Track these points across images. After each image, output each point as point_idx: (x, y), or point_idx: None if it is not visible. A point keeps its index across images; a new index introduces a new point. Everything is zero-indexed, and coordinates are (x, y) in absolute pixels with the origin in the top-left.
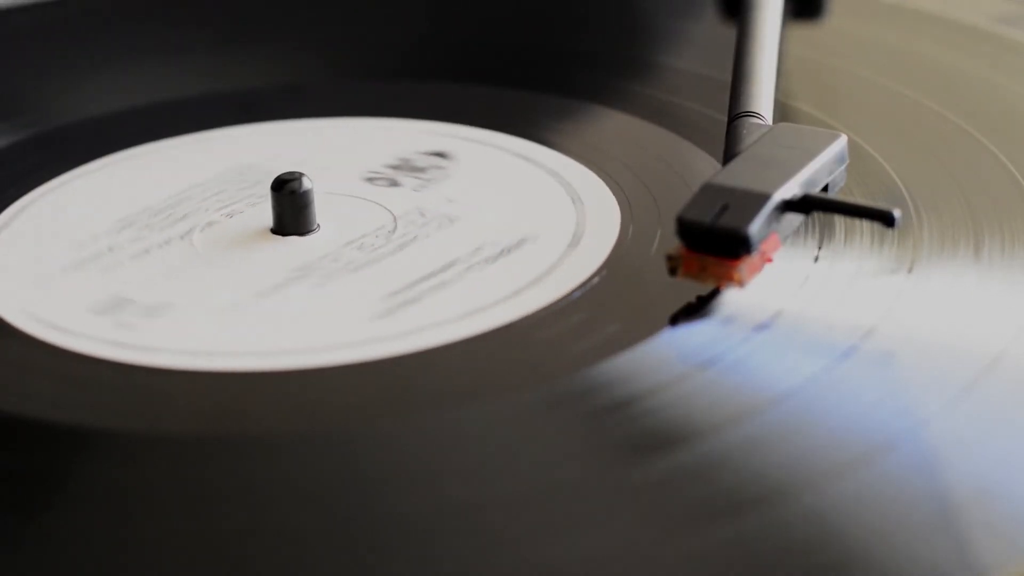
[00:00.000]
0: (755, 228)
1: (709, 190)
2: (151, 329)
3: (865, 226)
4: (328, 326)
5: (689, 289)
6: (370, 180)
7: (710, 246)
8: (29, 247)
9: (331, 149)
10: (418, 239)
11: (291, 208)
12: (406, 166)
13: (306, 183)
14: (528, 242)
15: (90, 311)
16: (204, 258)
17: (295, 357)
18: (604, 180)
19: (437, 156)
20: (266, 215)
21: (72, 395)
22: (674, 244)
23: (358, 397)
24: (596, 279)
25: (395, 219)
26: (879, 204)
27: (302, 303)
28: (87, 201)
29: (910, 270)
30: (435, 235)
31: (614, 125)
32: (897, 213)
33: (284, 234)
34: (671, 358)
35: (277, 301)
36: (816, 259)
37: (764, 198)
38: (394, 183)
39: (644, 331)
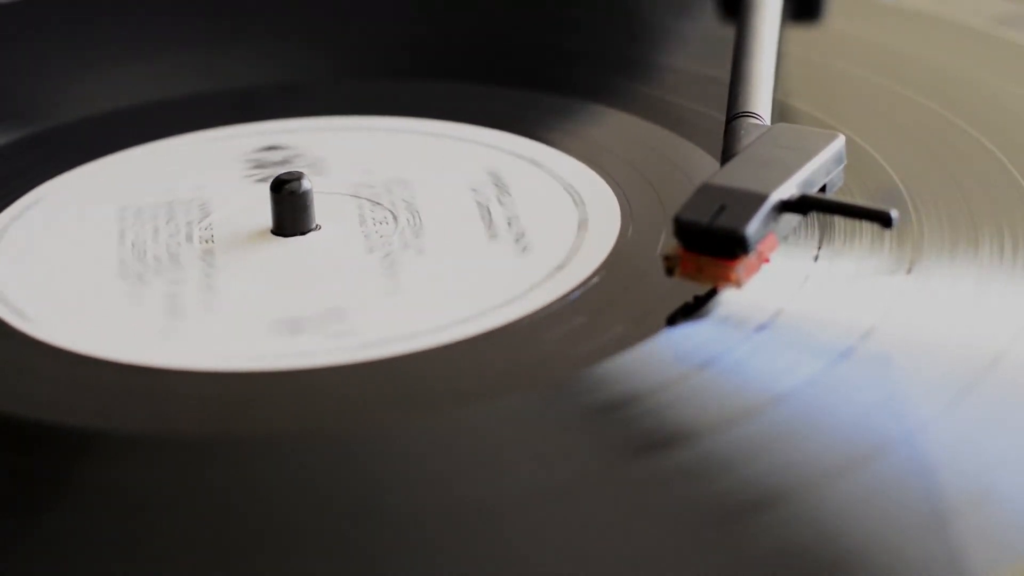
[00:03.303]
0: (752, 229)
1: (706, 190)
2: (159, 330)
3: (864, 226)
4: (328, 326)
5: (690, 290)
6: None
7: (707, 246)
8: (30, 250)
9: (331, 149)
10: (418, 238)
11: (291, 208)
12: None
13: (305, 183)
14: (527, 242)
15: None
16: (205, 258)
17: (295, 357)
18: (604, 179)
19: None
20: (264, 216)
21: (72, 395)
22: (672, 244)
23: (358, 397)
24: (595, 279)
25: (395, 218)
26: (877, 205)
27: (303, 304)
28: (85, 202)
29: (909, 271)
30: (435, 235)
31: (613, 124)
32: (895, 214)
33: (284, 235)
34: (670, 358)
35: (277, 301)
36: (815, 259)
37: (761, 198)
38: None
39: (643, 331)
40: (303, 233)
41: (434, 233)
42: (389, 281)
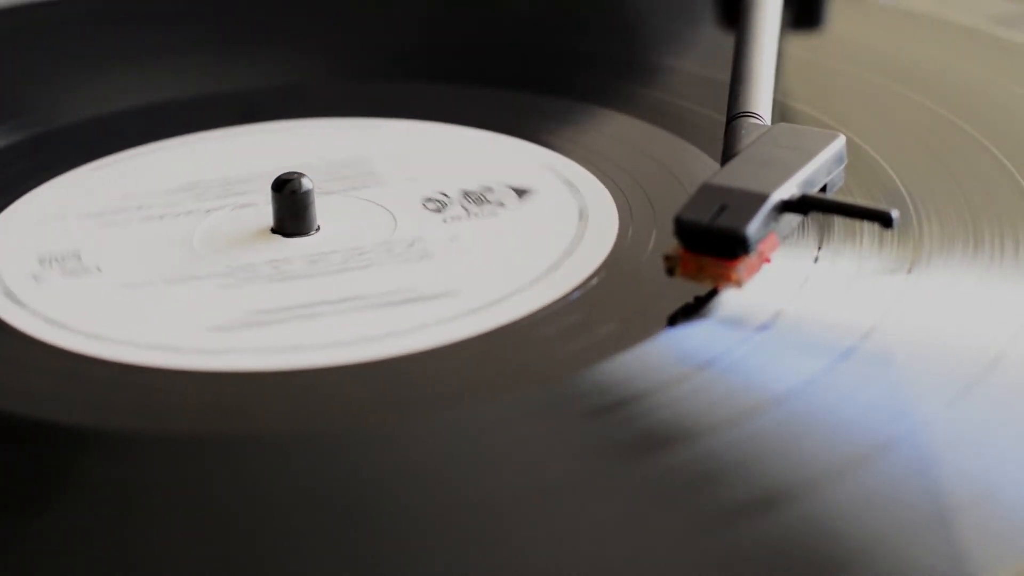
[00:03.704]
0: (753, 228)
1: (707, 190)
2: (154, 328)
3: (865, 226)
4: (327, 326)
5: (690, 290)
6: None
7: (708, 246)
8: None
9: (329, 148)
10: (418, 239)
11: (291, 208)
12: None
13: (306, 183)
14: (527, 242)
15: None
16: (207, 259)
17: (295, 357)
18: (603, 181)
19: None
20: (260, 217)
21: (72, 395)
22: (673, 244)
23: (358, 397)
24: (595, 280)
25: (395, 219)
26: (878, 205)
27: (302, 304)
28: (85, 202)
29: (909, 270)
30: (434, 235)
31: (613, 126)
32: (895, 214)
33: (285, 234)
34: (670, 359)
35: (276, 302)
36: (816, 259)
37: (762, 198)
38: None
39: (643, 332)
40: (304, 234)
41: (433, 234)
42: (388, 281)
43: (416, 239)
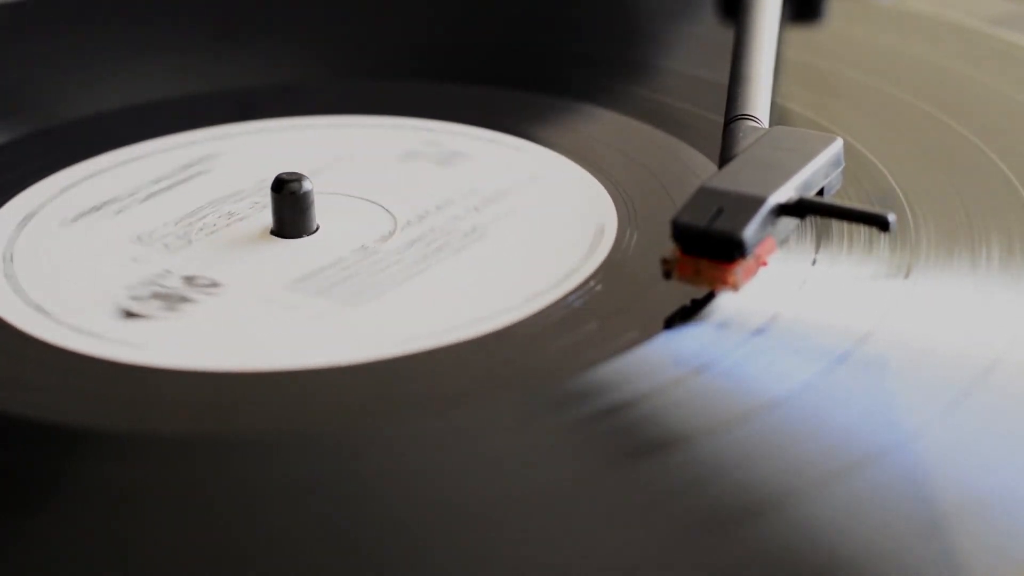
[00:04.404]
0: (749, 232)
1: (704, 193)
2: (162, 330)
3: (862, 230)
4: (327, 326)
5: (687, 293)
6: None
7: (705, 249)
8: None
9: (327, 148)
10: (416, 240)
11: (291, 210)
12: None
13: (306, 184)
14: (524, 245)
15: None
16: (209, 261)
17: (295, 357)
18: (602, 182)
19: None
20: (257, 219)
21: (72, 395)
22: (670, 247)
23: (357, 398)
24: (593, 283)
25: (395, 220)
26: (875, 208)
27: (302, 304)
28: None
29: (907, 275)
30: (432, 236)
31: (612, 127)
32: (892, 217)
33: (284, 236)
34: (667, 361)
35: (276, 302)
36: (813, 263)
37: (759, 202)
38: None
39: (640, 335)
40: (303, 235)
41: (432, 235)
42: (388, 283)
43: (416, 239)
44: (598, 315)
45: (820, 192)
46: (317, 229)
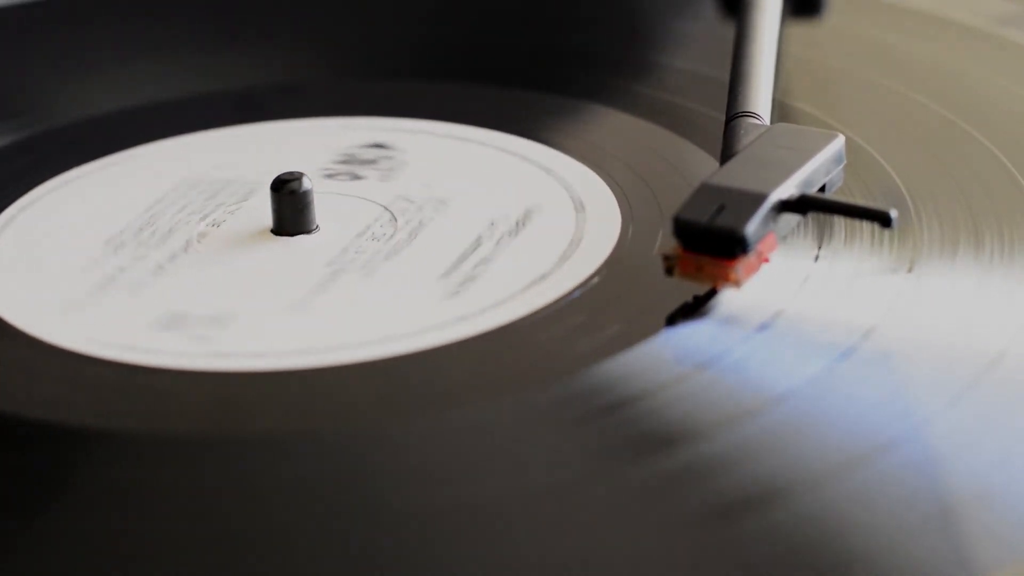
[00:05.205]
0: (751, 228)
1: (706, 190)
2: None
3: (865, 226)
4: (327, 326)
5: (689, 290)
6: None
7: (707, 246)
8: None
9: (329, 147)
10: (418, 240)
11: (291, 208)
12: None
13: (306, 183)
14: (527, 242)
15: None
16: (212, 263)
17: (295, 357)
18: (603, 179)
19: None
20: (251, 219)
21: (72, 395)
22: (671, 244)
23: (358, 397)
24: (595, 279)
25: (394, 217)
26: (877, 204)
27: (302, 304)
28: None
29: (910, 270)
30: (433, 234)
31: (613, 124)
32: (894, 213)
33: (284, 234)
34: (670, 359)
35: (275, 302)
36: (815, 259)
37: (761, 198)
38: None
39: (642, 331)
40: (302, 233)
41: (432, 232)
42: (388, 281)
43: (415, 239)
44: (600, 312)
45: (822, 189)
46: (316, 228)
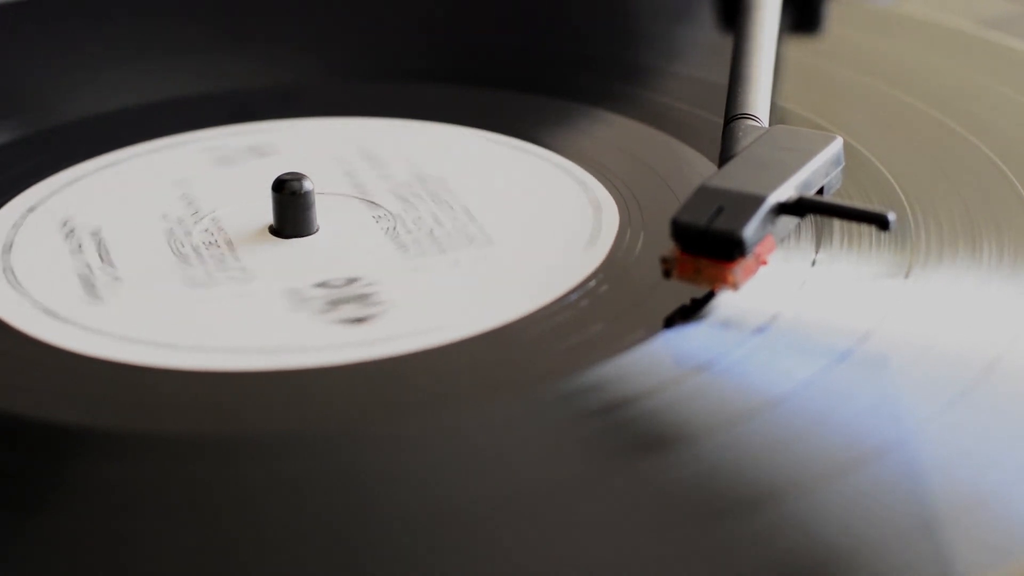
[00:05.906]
0: (749, 231)
1: (704, 192)
2: (152, 328)
3: (862, 230)
4: (326, 326)
5: (687, 292)
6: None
7: (705, 248)
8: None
9: (326, 147)
10: (417, 238)
11: (292, 209)
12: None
13: (306, 184)
14: (525, 244)
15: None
16: (204, 259)
17: (295, 357)
18: (602, 182)
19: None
20: (249, 219)
21: (72, 395)
22: (669, 246)
23: (356, 397)
24: (593, 281)
25: (394, 218)
26: (875, 207)
27: (301, 304)
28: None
29: (907, 274)
30: (434, 235)
31: (612, 127)
32: (892, 216)
33: (284, 236)
34: (667, 361)
35: (275, 302)
36: (813, 262)
37: (759, 200)
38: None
39: (640, 334)
40: (304, 235)
41: (433, 233)
42: (388, 281)
43: (415, 239)
44: (598, 314)
45: (820, 191)
46: (317, 230)
